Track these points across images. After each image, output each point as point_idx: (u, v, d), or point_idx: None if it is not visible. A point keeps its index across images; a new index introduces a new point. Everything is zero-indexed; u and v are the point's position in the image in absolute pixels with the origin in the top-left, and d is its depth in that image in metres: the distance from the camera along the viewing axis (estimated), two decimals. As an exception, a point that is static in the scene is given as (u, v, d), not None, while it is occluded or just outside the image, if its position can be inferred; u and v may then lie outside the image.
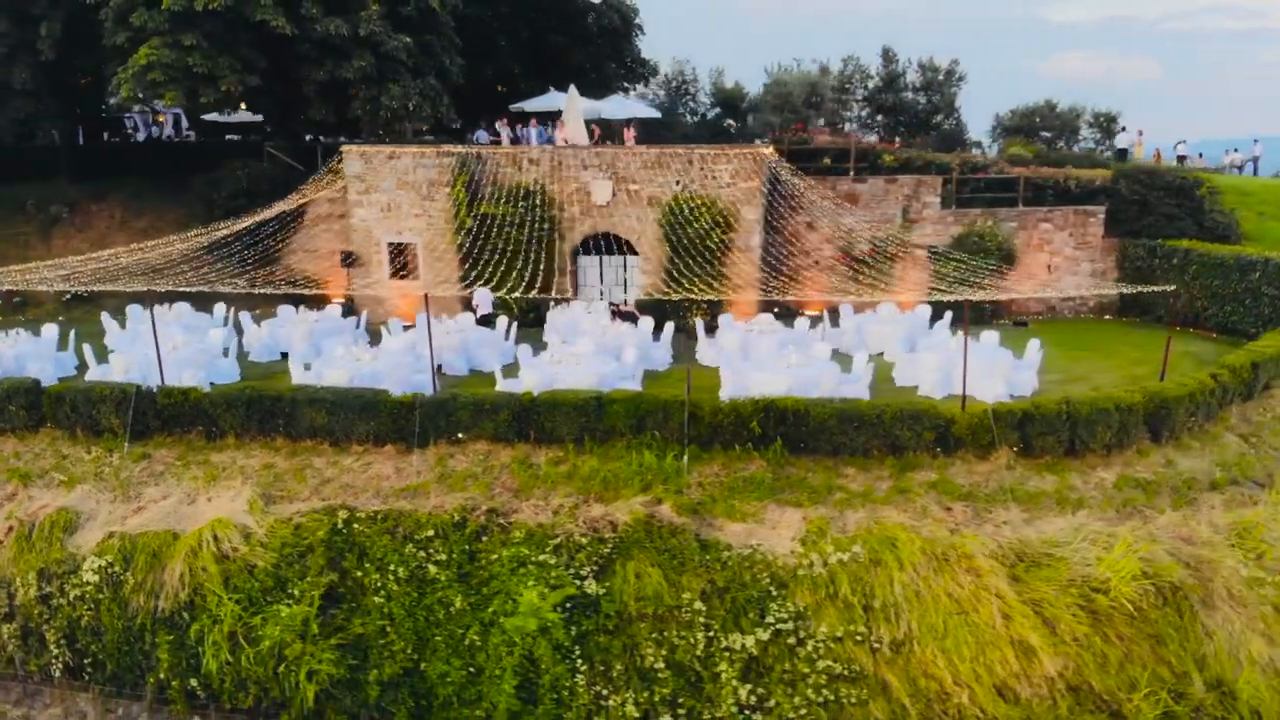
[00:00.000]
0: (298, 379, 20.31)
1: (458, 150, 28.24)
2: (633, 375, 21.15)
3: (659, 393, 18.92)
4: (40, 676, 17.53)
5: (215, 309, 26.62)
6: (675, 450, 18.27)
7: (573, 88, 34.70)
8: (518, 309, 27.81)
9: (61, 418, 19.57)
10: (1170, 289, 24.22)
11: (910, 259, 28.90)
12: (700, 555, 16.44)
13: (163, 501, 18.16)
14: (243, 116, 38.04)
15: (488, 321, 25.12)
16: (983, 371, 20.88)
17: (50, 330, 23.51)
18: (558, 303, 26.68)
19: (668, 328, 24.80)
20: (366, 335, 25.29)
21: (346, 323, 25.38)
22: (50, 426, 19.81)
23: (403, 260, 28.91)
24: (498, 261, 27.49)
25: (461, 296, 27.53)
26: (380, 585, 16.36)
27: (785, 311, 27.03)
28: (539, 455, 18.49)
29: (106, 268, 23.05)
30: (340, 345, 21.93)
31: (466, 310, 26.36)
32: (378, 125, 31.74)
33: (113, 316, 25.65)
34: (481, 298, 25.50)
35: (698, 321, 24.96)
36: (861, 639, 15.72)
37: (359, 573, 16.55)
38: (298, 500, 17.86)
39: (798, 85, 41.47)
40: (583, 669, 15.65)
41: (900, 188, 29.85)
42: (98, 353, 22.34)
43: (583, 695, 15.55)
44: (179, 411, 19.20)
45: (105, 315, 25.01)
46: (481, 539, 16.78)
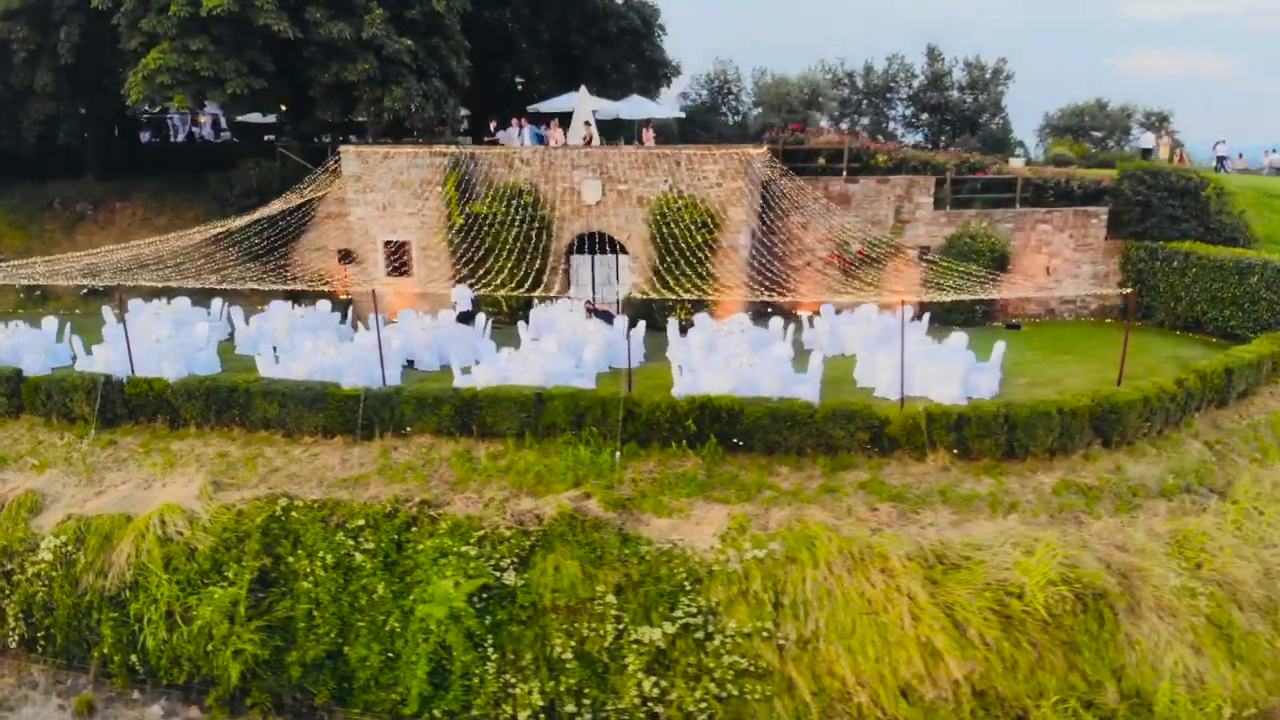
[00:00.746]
0: (263, 371, 21.05)
1: (450, 150, 28.86)
2: (587, 373, 21.44)
3: (601, 390, 19.22)
4: (-1, 647, 18.56)
5: (213, 304, 27.61)
6: (612, 446, 18.56)
7: (583, 88, 35.17)
8: (507, 306, 28.35)
9: (39, 405, 20.64)
10: (1127, 290, 23.73)
11: (899, 260, 28.69)
12: (620, 549, 16.71)
13: (121, 486, 19.06)
14: (276, 118, 39.25)
15: (467, 318, 25.63)
16: (939, 373, 20.78)
17: (50, 323, 24.68)
18: (542, 300, 27.07)
19: (640, 326, 25.06)
20: (352, 331, 25.99)
21: (331, 318, 26.15)
22: (29, 413, 20.89)
23: (399, 258, 29.62)
24: (490, 259, 28.05)
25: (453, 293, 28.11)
26: (309, 571, 16.96)
27: (777, 311, 27.06)
28: (480, 449, 18.94)
29: (97, 264, 24.08)
30: (309, 340, 22.60)
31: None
32: (382, 126, 32.47)
33: (113, 310, 26.77)
34: (460, 295, 26.04)
35: (672, 320, 25.14)
36: (769, 635, 15.84)
37: (291, 559, 17.18)
38: (246, 488, 18.56)
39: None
40: (493, 657, 16.05)
41: (892, 188, 29.66)
42: (91, 345, 23.37)
43: (491, 683, 15.94)
44: (144, 401, 20.09)
45: (106, 309, 26.14)
46: (411, 529, 17.28)
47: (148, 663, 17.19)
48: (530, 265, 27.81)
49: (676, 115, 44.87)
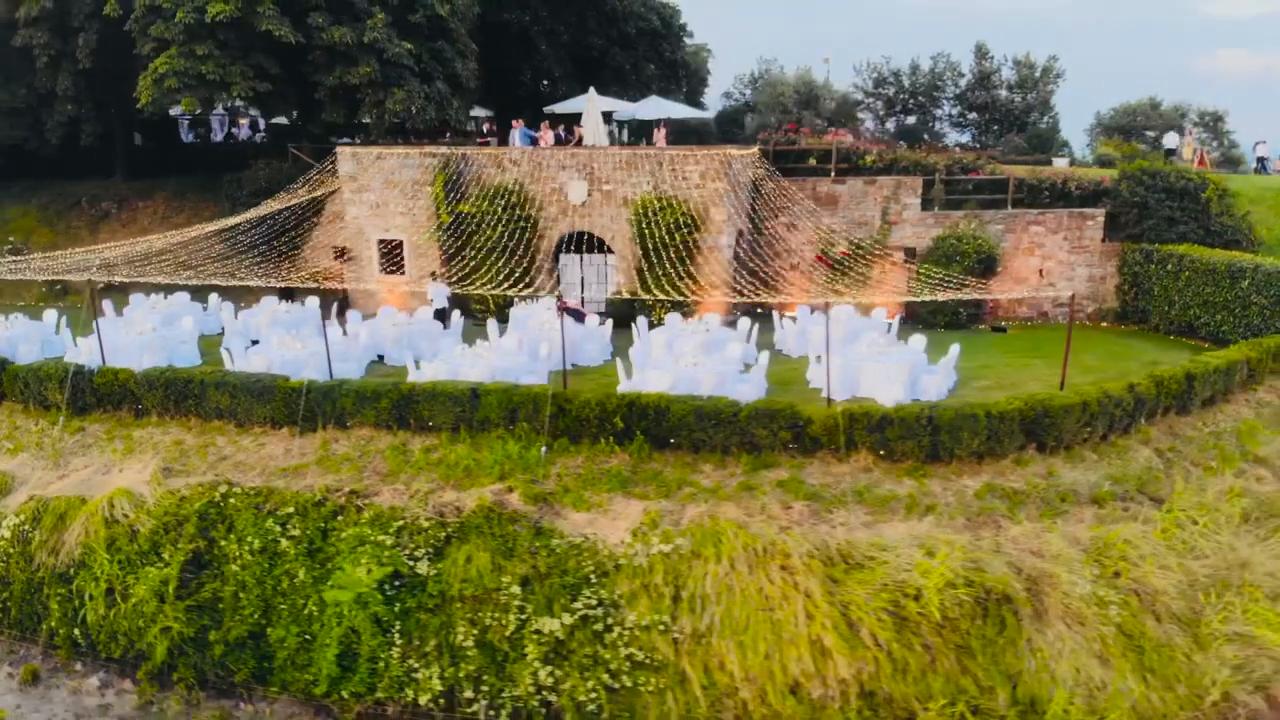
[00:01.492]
0: (227, 364, 21.96)
1: (440, 151, 29.56)
2: (539, 371, 21.85)
3: (535, 387, 19.62)
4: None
5: (210, 299, 28.73)
6: (541, 442, 18.97)
7: (591, 89, 35.62)
8: (495, 304, 28.96)
9: (17, 393, 21.86)
10: (1070, 294, 23.33)
11: (885, 261, 28.52)
12: (531, 542, 17.12)
13: (83, 470, 20.10)
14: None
15: (442, 315, 26.27)
16: (885, 375, 20.74)
17: (50, 315, 26.01)
18: (522, 298, 27.58)
19: (607, 324, 25.44)
20: (337, 325, 26.78)
21: (313, 314, 26.93)
22: (10, 400, 22.13)
23: (391, 256, 30.44)
24: (479, 258, 28.70)
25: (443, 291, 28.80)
26: (238, 555, 17.72)
27: (749, 312, 27.17)
28: (416, 443, 19.51)
29: (90, 260, 25.30)
30: (276, 335, 23.47)
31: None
32: (385, 127, 33.34)
33: (114, 306, 28.08)
34: (435, 292, 26.69)
35: (640, 319, 25.43)
36: (665, 629, 16.09)
37: (224, 542, 17.97)
38: (195, 474, 19.43)
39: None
40: (399, 643, 16.60)
41: (879, 189, 29.49)
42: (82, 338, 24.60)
43: (396, 667, 16.49)
44: (111, 390, 21.13)
45: (106, 302, 27.43)
46: (337, 518, 17.93)
47: (89, 636, 18.15)
48: (517, 264, 28.39)
49: (696, 115, 45.08)
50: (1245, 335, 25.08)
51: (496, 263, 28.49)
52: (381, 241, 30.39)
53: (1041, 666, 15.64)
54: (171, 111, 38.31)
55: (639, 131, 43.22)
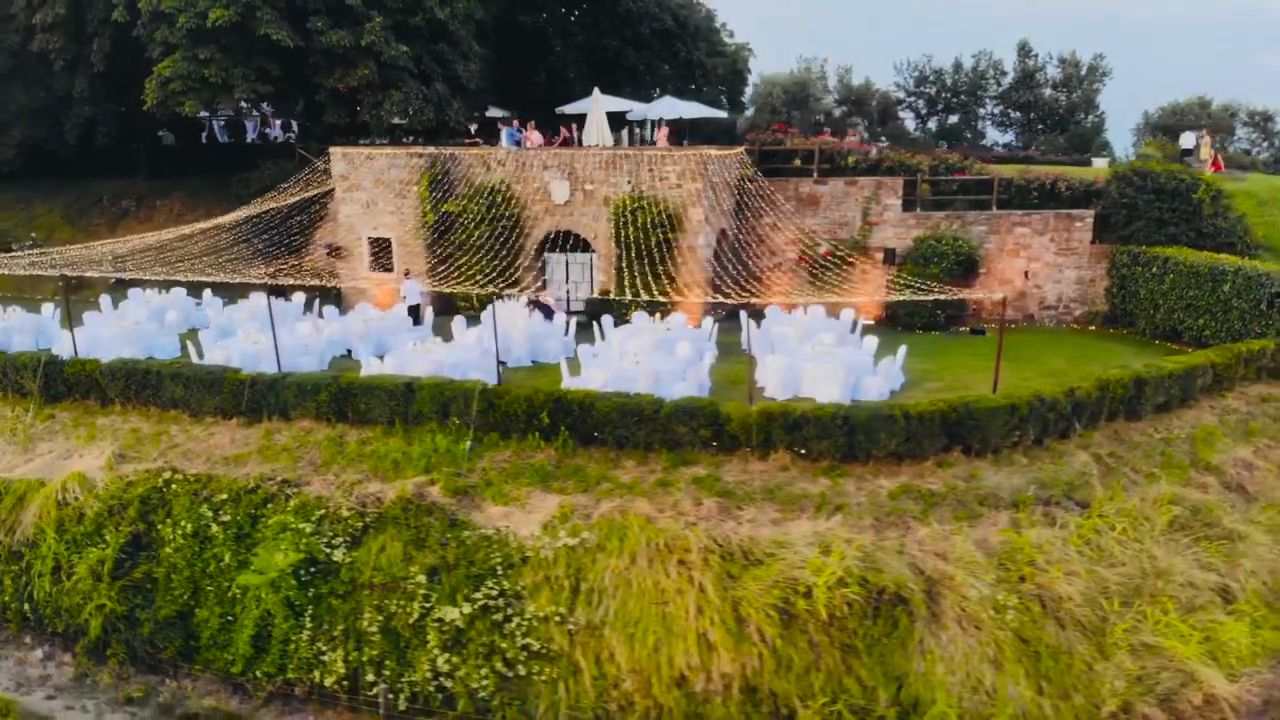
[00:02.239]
0: (194, 358, 22.87)
1: (427, 151, 30.23)
2: (487, 366, 22.31)
3: (467, 382, 20.08)
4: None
5: (204, 294, 29.82)
6: (469, 436, 19.43)
7: (596, 90, 36.03)
8: (479, 302, 29.52)
9: (-4, 381, 23.08)
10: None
11: (864, 261, 28.39)
12: (444, 533, 17.59)
13: (48, 455, 21.16)
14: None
15: (415, 312, 26.91)
16: (825, 375, 20.80)
17: (49, 308, 27.32)
18: (501, 297, 28.08)
19: (571, 322, 25.82)
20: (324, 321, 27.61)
21: (293, 308, 27.85)
22: (-11, 388, 23.38)
23: (381, 253, 31.23)
24: (465, 256, 29.30)
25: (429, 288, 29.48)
26: (172, 538, 18.52)
27: (726, 311, 27.32)
28: (352, 435, 20.12)
29: (89, 256, 26.50)
30: (242, 329, 24.36)
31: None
32: (384, 128, 34.18)
33: (113, 301, 29.32)
34: (409, 289, 27.34)
35: (606, 317, 25.76)
36: (562, 620, 16.42)
37: (161, 526, 18.79)
38: (146, 461, 20.32)
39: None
40: (309, 626, 17.21)
41: (860, 190, 29.36)
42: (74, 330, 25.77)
43: (305, 649, 17.10)
44: (80, 380, 22.17)
45: (105, 297, 28.67)
46: (267, 505, 18.62)
47: (37, 611, 19.14)
48: (501, 262, 28.91)
49: (711, 114, 45.10)
50: (1226, 340, 24.49)
51: (480, 261, 29.05)
52: (372, 239, 31.19)
53: (929, 669, 15.59)
54: (202, 113, 39.85)
55: (654, 132, 43.47)
